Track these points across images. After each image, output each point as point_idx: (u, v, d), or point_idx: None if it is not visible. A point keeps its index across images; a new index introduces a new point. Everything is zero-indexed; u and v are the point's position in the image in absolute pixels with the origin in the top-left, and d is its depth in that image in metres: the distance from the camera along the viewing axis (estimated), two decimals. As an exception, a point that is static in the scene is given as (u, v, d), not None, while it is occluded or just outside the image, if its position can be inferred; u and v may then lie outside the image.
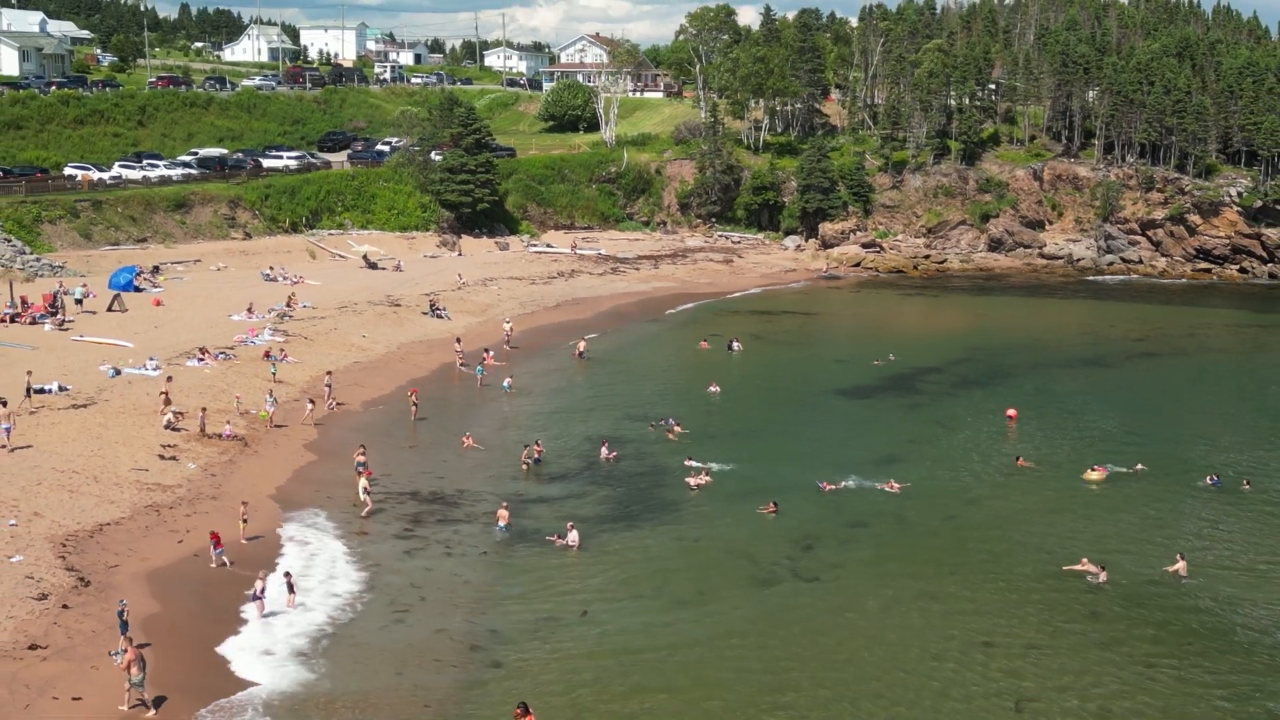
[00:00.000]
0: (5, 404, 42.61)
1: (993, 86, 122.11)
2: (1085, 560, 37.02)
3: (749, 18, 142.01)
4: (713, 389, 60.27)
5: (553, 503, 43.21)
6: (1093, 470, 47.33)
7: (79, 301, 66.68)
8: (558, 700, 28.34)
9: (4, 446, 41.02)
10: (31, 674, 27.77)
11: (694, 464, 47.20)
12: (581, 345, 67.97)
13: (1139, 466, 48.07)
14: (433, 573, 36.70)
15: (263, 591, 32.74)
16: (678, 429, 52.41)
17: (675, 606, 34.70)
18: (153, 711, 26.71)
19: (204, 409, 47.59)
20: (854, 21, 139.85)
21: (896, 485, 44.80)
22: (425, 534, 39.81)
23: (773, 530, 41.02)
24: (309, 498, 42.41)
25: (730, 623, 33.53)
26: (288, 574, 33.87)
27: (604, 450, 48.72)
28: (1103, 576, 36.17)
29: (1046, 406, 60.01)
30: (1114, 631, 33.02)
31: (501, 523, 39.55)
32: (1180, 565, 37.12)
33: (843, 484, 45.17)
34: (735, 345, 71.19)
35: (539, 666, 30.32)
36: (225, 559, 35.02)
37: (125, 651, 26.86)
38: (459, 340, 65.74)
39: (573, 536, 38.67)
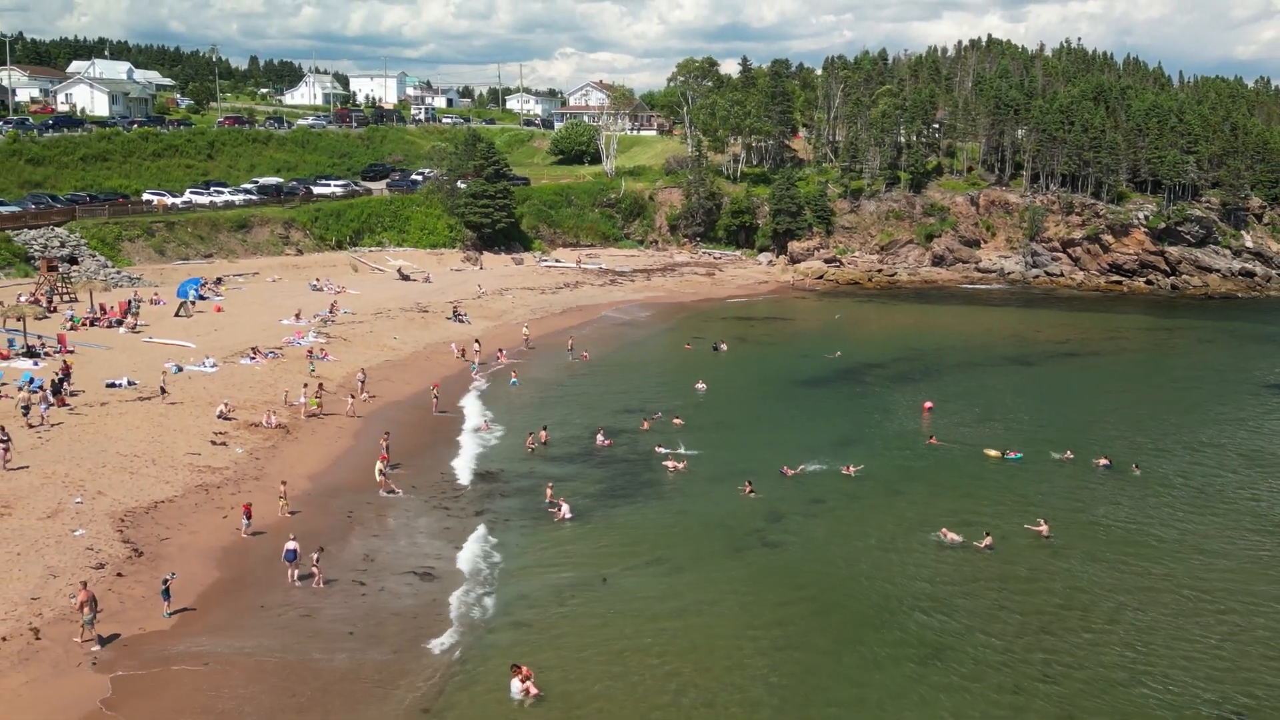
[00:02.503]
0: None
1: (936, 126, 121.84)
2: (945, 529, 37.06)
3: (729, 67, 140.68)
4: (699, 386, 58.99)
5: (558, 482, 41.61)
6: (991, 450, 47.10)
7: (140, 307, 65.52)
8: (571, 643, 28.27)
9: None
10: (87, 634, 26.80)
11: (663, 450, 46.37)
12: (570, 342, 67.00)
13: (1069, 453, 46.99)
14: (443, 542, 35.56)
15: (293, 554, 31.70)
16: (678, 421, 51.25)
17: (666, 571, 33.97)
18: (97, 646, 26.33)
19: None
20: (818, 70, 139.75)
21: (852, 469, 43.64)
22: (452, 508, 38.81)
23: (746, 507, 40.10)
24: (341, 478, 41.17)
25: (712, 583, 33.03)
26: (320, 549, 32.51)
27: (599, 438, 47.59)
28: (988, 540, 36.13)
29: (971, 397, 59.13)
30: (995, 572, 33.99)
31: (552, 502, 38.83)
32: (1043, 527, 37.35)
33: (801, 468, 44.11)
34: (721, 346, 70.36)
35: (552, 622, 29.80)
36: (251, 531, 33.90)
37: (79, 594, 26.67)
38: (478, 341, 64.71)
39: (565, 510, 37.94)
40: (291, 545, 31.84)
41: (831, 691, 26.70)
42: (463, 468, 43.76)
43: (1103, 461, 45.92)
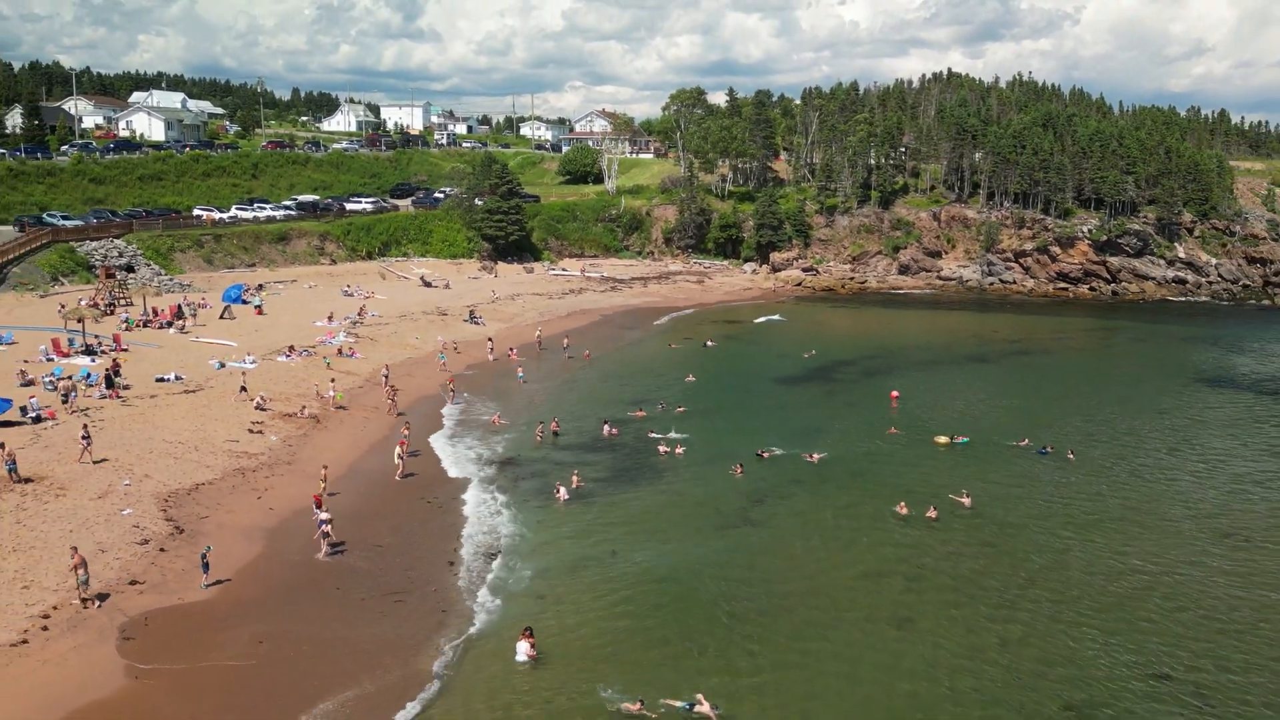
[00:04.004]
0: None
1: (903, 149, 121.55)
2: (902, 503, 37.02)
3: (718, 98, 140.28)
4: (689, 379, 58.68)
5: (568, 466, 41.32)
6: (941, 437, 46.97)
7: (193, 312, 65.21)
8: (573, 609, 27.92)
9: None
10: (129, 604, 26.51)
11: (655, 435, 46.00)
12: (566, 341, 66.40)
13: (1025, 440, 46.65)
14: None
15: (323, 523, 31.59)
16: (681, 409, 51.09)
17: (662, 543, 33.76)
18: (97, 603, 26.10)
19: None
20: (798, 100, 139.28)
21: (816, 456, 43.27)
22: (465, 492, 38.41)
23: (733, 487, 39.75)
24: (368, 463, 40.88)
25: (702, 554, 32.89)
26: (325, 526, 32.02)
27: (606, 428, 47.11)
28: (933, 512, 36.36)
29: (933, 391, 58.80)
30: (940, 538, 33.63)
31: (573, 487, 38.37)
32: (966, 499, 37.55)
33: (778, 452, 43.80)
34: (709, 343, 70.26)
35: (562, 591, 29.40)
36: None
37: (73, 558, 26.48)
38: (490, 340, 64.31)
39: (563, 492, 37.50)
40: (325, 519, 31.61)
41: (806, 645, 26.53)
42: (478, 455, 43.20)
43: (1042, 448, 45.55)
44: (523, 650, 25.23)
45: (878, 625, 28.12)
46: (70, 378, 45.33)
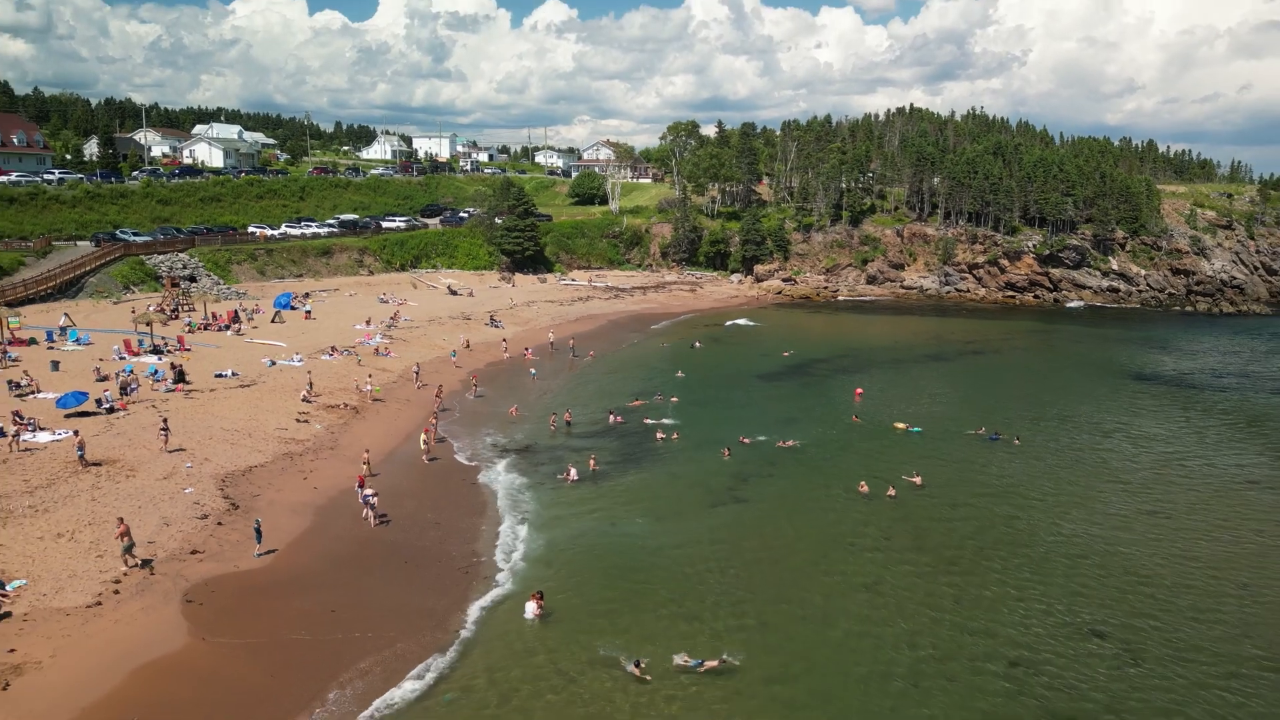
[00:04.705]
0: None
1: (870, 174, 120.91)
2: (864, 484, 37.25)
3: (709, 130, 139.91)
4: (679, 375, 58.60)
5: (580, 451, 41.41)
6: (899, 424, 46.90)
7: (251, 316, 65.12)
8: (579, 573, 27.81)
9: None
10: (191, 571, 26.50)
11: (650, 422, 46.04)
12: (571, 342, 66.00)
13: (981, 429, 46.59)
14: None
15: (368, 498, 31.88)
16: (674, 399, 51.05)
17: (658, 518, 33.64)
18: (140, 566, 26.00)
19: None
20: (778, 131, 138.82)
21: (790, 442, 43.21)
22: (488, 472, 38.35)
23: (720, 469, 39.71)
24: (401, 448, 40.79)
25: (695, 528, 32.78)
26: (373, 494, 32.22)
27: (612, 417, 47.04)
28: (892, 491, 36.44)
29: (896, 385, 58.65)
30: (899, 514, 33.25)
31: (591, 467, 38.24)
32: (917, 478, 37.51)
33: (758, 438, 43.69)
34: (697, 345, 69.76)
35: (568, 559, 29.35)
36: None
37: (119, 528, 26.47)
38: (504, 340, 64.14)
39: (572, 473, 37.35)
40: (370, 495, 31.71)
41: (787, 606, 26.50)
42: (498, 442, 43.11)
43: (992, 435, 45.50)
44: (530, 610, 25.31)
45: (850, 588, 28.11)
46: (119, 373, 45.09)
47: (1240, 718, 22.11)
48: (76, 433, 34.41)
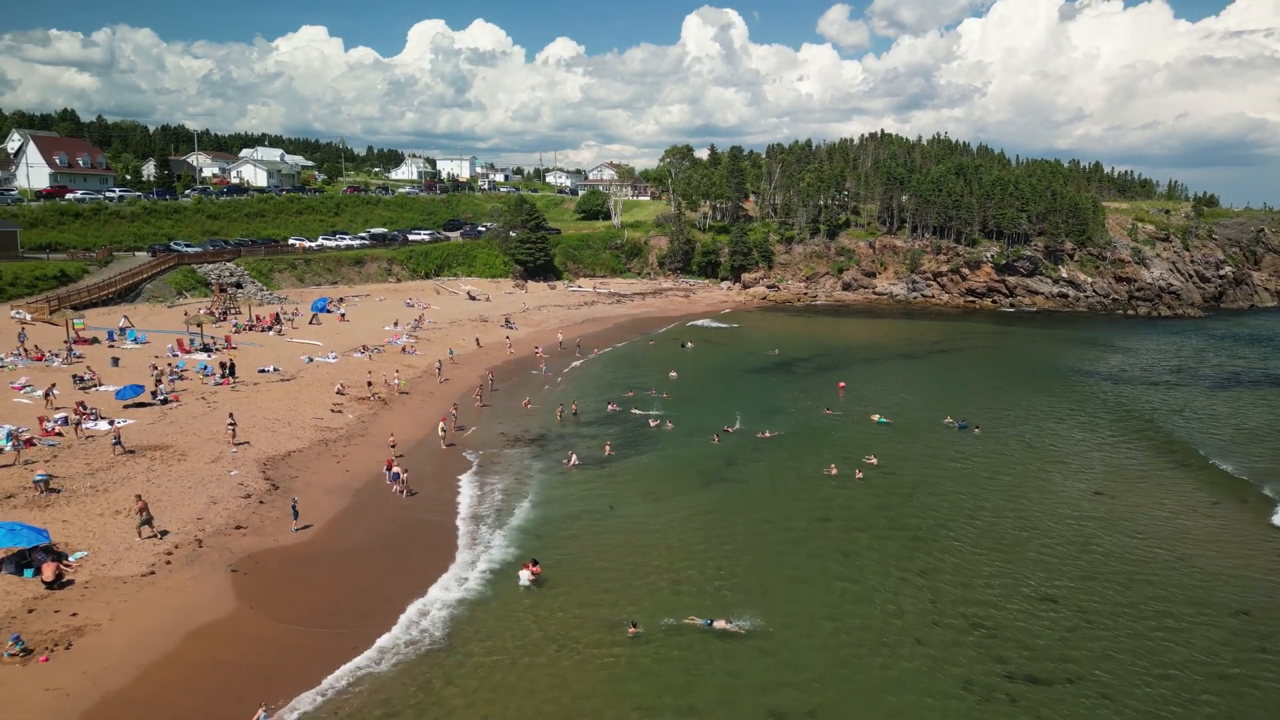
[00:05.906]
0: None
1: (846, 192, 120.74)
2: (833, 465, 37.30)
3: (702, 153, 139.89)
4: (672, 374, 58.31)
5: (588, 438, 41.39)
6: (875, 415, 46.74)
7: (291, 319, 64.94)
8: (585, 551, 27.47)
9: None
10: (235, 544, 26.40)
11: (638, 412, 45.98)
12: (578, 341, 65.64)
13: (949, 419, 46.33)
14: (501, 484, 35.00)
15: (396, 475, 32.14)
16: (665, 396, 50.79)
17: (653, 499, 33.44)
18: (155, 535, 25.85)
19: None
20: (764, 154, 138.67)
21: (768, 434, 42.90)
22: (501, 457, 38.15)
23: (709, 453, 39.56)
24: (426, 435, 40.61)
25: (688, 507, 32.61)
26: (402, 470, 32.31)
27: (611, 407, 46.94)
28: (860, 474, 36.32)
29: (869, 381, 58.37)
30: (865, 492, 33.03)
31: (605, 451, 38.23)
32: (873, 460, 37.74)
33: (742, 428, 43.52)
34: (688, 345, 69.37)
35: (572, 535, 29.11)
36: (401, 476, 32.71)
37: (136, 504, 26.37)
38: (509, 338, 63.84)
39: (573, 458, 37.22)
40: (400, 472, 32.04)
41: (773, 574, 26.41)
42: (511, 430, 42.89)
43: (958, 423, 45.31)
44: (525, 577, 25.37)
45: (829, 558, 28.03)
46: (154, 366, 45.05)
47: (1170, 660, 22.43)
48: (113, 422, 34.30)
